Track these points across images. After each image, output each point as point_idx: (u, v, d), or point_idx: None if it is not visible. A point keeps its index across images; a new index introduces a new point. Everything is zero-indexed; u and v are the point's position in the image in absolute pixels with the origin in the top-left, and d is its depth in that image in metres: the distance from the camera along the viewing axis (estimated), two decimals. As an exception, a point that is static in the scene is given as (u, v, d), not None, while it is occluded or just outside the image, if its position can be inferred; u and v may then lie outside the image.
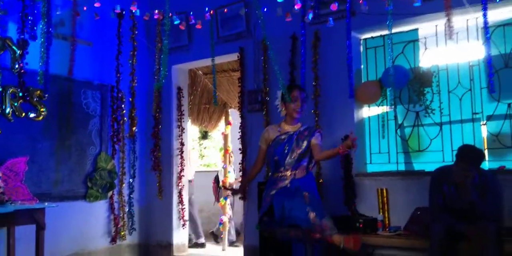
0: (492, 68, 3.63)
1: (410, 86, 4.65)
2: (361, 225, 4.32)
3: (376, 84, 4.74)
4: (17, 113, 4.80)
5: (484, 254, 3.48)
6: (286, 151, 3.56)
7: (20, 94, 4.80)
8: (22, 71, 4.77)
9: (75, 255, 5.25)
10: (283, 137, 3.62)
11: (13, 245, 4.52)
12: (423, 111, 4.62)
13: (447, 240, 3.61)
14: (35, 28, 4.76)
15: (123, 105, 5.83)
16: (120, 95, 5.78)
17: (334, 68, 4.89)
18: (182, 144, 6.14)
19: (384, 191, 4.53)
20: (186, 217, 6.10)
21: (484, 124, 4.36)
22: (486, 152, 4.23)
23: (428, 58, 4.71)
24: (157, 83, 5.30)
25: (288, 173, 3.55)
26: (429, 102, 4.58)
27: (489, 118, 4.34)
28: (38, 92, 4.95)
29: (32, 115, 4.93)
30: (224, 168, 6.85)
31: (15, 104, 4.79)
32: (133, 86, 5.89)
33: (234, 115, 6.78)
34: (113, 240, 5.64)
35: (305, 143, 3.55)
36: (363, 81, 4.94)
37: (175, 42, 5.87)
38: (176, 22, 4.88)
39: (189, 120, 6.87)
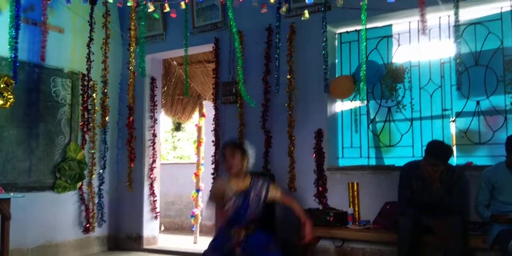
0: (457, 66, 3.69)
1: (383, 82, 4.70)
2: (331, 219, 4.36)
3: (349, 79, 4.76)
4: (-18, 100, 4.66)
5: (449, 247, 3.55)
6: (244, 213, 3.26)
7: (-13, 81, 4.65)
8: (-11, 56, 4.62)
9: (43, 246, 5.15)
10: (238, 196, 3.28)
11: (-24, 235, 4.40)
12: (394, 107, 4.68)
13: (415, 233, 3.67)
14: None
15: (94, 94, 5.71)
16: (91, 83, 5.66)
17: (309, 62, 4.90)
18: (154, 135, 6.07)
19: (355, 185, 4.58)
20: (158, 209, 6.05)
21: (453, 121, 4.43)
22: (454, 148, 4.31)
23: (401, 54, 4.75)
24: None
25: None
26: (401, 97, 4.64)
27: (458, 114, 4.42)
28: (6, 78, 4.80)
29: (-2, 102, 4.79)
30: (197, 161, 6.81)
31: (-19, 90, 4.64)
32: (105, 75, 5.76)
33: (208, 107, 6.74)
34: (84, 231, 5.56)
35: (261, 203, 3.27)
36: (337, 76, 4.95)
37: (150, 31, 5.79)
38: (150, 10, 4.80)
39: (162, 111, 6.79)
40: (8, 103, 4.88)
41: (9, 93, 4.87)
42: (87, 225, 5.58)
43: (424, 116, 4.54)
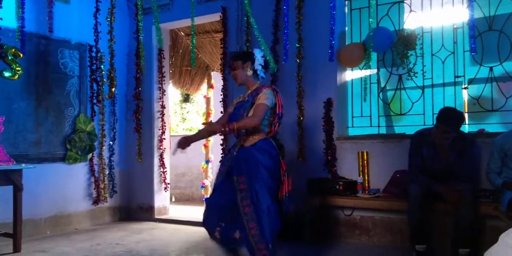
0: (474, 31, 3.59)
1: (394, 49, 4.60)
2: (340, 188, 4.36)
3: (359, 46, 4.68)
4: (-9, 71, 4.65)
5: (459, 214, 3.54)
6: (238, 114, 3.22)
7: (-6, 53, 4.63)
8: (-3, 27, 4.59)
9: (55, 217, 5.23)
10: (239, 101, 3.36)
11: (-10, 206, 4.48)
12: (406, 74, 4.60)
13: (425, 201, 3.66)
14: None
15: (102, 66, 5.68)
16: (99, 55, 5.62)
17: (318, 30, 4.80)
18: (163, 106, 6.05)
19: (365, 154, 4.56)
20: (168, 180, 6.09)
21: (465, 88, 4.36)
22: (466, 115, 4.26)
23: (412, 20, 4.64)
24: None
25: (240, 138, 3.18)
26: (412, 65, 4.54)
27: (471, 81, 4.34)
28: (13, 50, 4.77)
29: (7, 74, 4.78)
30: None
31: (-11, 62, 4.63)
32: (112, 46, 5.71)
33: (217, 78, 6.69)
34: (95, 202, 5.62)
35: (249, 103, 3.19)
36: (347, 43, 4.86)
37: (156, 0, 5.67)
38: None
39: (170, 83, 6.75)
40: (17, 75, 4.86)
41: (17, 65, 4.84)
42: (98, 196, 5.65)
43: (436, 84, 4.47)
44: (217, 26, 6.05)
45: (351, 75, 4.92)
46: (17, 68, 4.85)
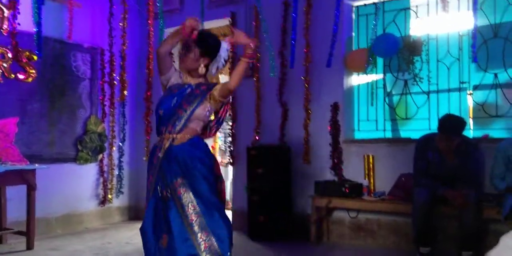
0: (476, 38, 3.68)
1: (400, 54, 4.69)
2: (346, 190, 4.44)
3: (365, 52, 4.77)
4: (6, 74, 4.76)
5: (463, 218, 3.62)
6: (173, 104, 2.58)
7: (10, 55, 4.74)
8: (15, 31, 4.72)
9: (67, 216, 5.34)
10: (178, 86, 2.68)
11: (4, 204, 4.59)
12: (411, 80, 4.68)
13: (430, 204, 3.74)
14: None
15: (113, 69, 5.80)
16: (111, 58, 5.75)
17: (326, 35, 4.87)
18: (172, 109, 6.14)
19: (371, 157, 4.63)
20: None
21: (470, 94, 4.44)
22: (471, 121, 4.33)
23: (418, 27, 4.73)
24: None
25: (168, 136, 2.57)
26: (418, 70, 4.63)
27: (476, 87, 4.42)
28: (27, 53, 4.90)
29: (21, 76, 4.90)
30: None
31: (4, 65, 4.74)
32: (124, 50, 5.84)
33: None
34: (101, 203, 5.72)
35: (197, 99, 2.58)
36: (353, 49, 4.96)
37: (166, 6, 5.77)
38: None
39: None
40: (31, 77, 4.98)
41: (31, 67, 4.97)
42: (105, 196, 5.73)
43: (441, 89, 4.56)
44: (226, 30, 6.14)
45: (357, 80, 5.02)
46: (31, 71, 4.97)
